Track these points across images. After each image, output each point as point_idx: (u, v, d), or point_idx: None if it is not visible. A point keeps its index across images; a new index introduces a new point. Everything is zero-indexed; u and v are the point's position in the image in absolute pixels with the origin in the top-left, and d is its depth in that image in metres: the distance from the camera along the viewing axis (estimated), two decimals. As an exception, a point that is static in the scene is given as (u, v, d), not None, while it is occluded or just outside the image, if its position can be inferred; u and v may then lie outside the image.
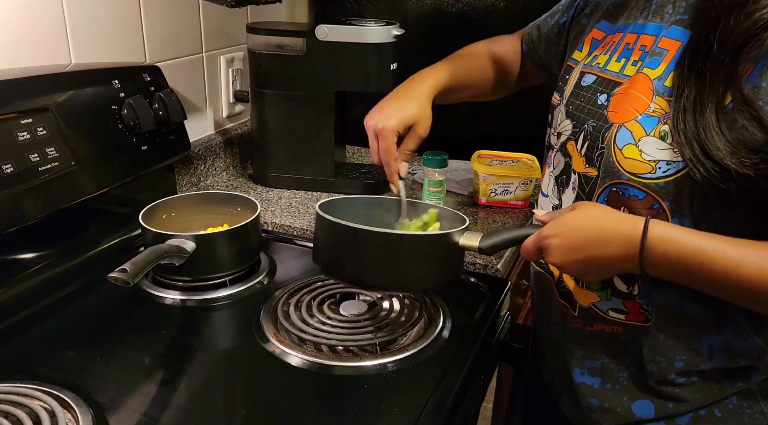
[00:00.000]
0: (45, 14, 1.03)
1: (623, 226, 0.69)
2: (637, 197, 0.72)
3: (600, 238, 0.70)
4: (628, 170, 0.71)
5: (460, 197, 1.40)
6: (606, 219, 0.70)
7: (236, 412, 0.78)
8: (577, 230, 0.71)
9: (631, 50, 0.78)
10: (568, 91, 0.86)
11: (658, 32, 0.76)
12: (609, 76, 0.80)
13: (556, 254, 0.73)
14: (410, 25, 1.40)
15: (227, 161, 1.50)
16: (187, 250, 0.97)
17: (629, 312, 0.79)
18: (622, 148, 0.72)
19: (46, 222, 0.94)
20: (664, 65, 0.72)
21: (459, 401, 0.83)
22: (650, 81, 0.73)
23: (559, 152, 0.86)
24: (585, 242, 0.70)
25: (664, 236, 0.67)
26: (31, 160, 0.92)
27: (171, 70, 1.27)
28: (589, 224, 0.71)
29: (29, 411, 0.70)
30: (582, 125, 0.80)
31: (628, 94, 0.74)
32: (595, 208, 0.73)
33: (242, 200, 1.14)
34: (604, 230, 0.70)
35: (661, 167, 0.69)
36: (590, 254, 0.70)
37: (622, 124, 0.73)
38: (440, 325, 0.93)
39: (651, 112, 0.71)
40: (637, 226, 0.68)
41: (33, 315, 0.94)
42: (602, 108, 0.78)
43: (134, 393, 0.79)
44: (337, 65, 1.31)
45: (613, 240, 0.69)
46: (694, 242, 0.66)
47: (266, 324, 0.92)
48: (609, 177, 0.74)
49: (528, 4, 1.50)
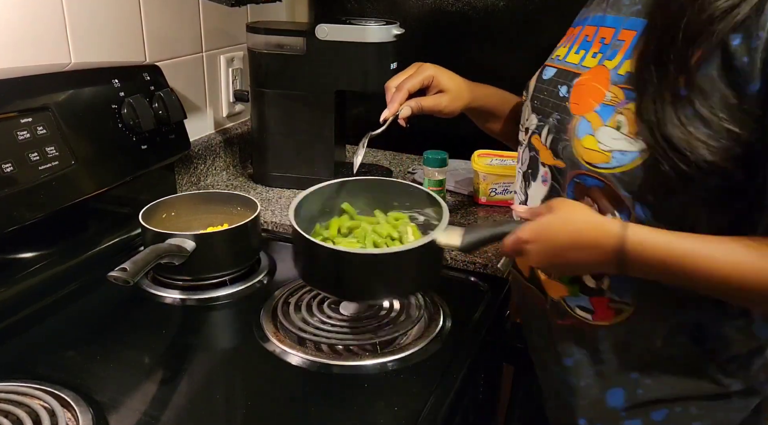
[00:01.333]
0: (45, 14, 1.03)
1: (599, 233, 0.69)
2: (598, 187, 0.72)
3: (577, 244, 0.70)
4: (587, 160, 0.72)
5: (460, 196, 1.40)
6: (582, 225, 0.71)
7: (236, 412, 0.78)
8: (554, 237, 0.72)
9: (591, 42, 0.79)
10: (532, 87, 0.87)
11: (617, 25, 0.77)
12: (568, 67, 0.81)
13: (535, 259, 0.74)
14: (410, 25, 1.40)
15: (227, 161, 1.50)
16: (187, 249, 0.97)
17: (596, 311, 0.79)
18: (581, 138, 0.73)
19: (46, 222, 0.94)
20: (620, 55, 0.74)
21: (459, 400, 0.83)
22: (608, 71, 0.74)
23: (527, 148, 0.86)
24: (562, 248, 0.71)
25: (640, 241, 0.67)
26: (30, 159, 0.92)
27: (171, 70, 1.27)
28: (566, 229, 0.71)
29: (29, 410, 0.70)
30: (547, 118, 0.81)
31: (588, 85, 0.76)
32: (572, 210, 0.73)
33: (242, 200, 1.14)
34: (580, 236, 0.70)
35: (616, 156, 0.70)
36: (568, 259, 0.72)
37: (582, 115, 0.74)
38: (440, 325, 0.93)
39: (608, 101, 0.72)
40: (612, 233, 0.68)
41: (33, 315, 0.94)
42: (565, 100, 0.79)
43: (134, 392, 0.79)
44: (337, 65, 1.31)
45: (589, 246, 0.70)
46: (670, 243, 0.67)
47: (266, 323, 0.92)
48: (572, 168, 0.75)
49: (528, 3, 1.50)
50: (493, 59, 1.57)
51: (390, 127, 0.96)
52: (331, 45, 1.29)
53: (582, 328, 0.81)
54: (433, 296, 1.00)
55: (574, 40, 0.83)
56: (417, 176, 1.48)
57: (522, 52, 1.54)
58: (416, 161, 1.63)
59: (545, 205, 0.75)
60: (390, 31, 1.29)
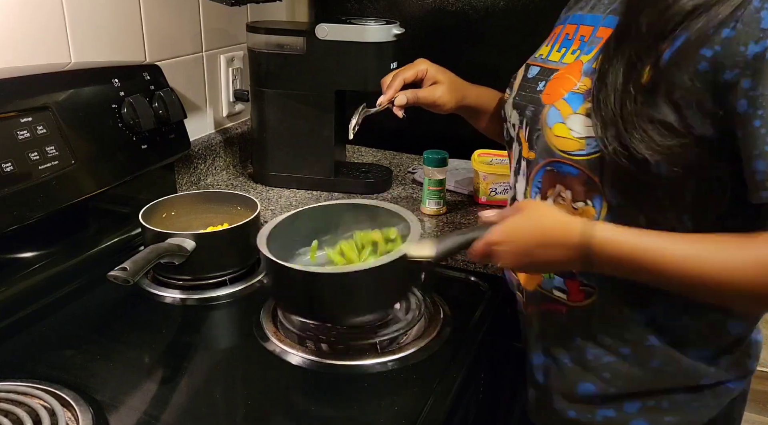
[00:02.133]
0: (45, 13, 1.03)
1: (565, 230, 0.70)
2: (572, 174, 0.74)
3: (544, 243, 0.71)
4: (560, 147, 0.73)
5: (460, 196, 1.40)
6: (549, 223, 0.71)
7: (236, 411, 0.78)
8: (522, 236, 0.72)
9: (571, 41, 0.81)
10: (516, 86, 0.88)
11: (595, 23, 0.79)
12: (549, 65, 0.83)
13: (505, 260, 0.74)
14: (410, 24, 1.40)
15: (227, 160, 1.50)
16: (187, 249, 0.97)
17: (570, 292, 0.81)
18: (552, 126, 0.74)
19: (46, 221, 0.94)
20: (596, 51, 0.75)
21: (459, 399, 0.83)
22: (582, 64, 0.75)
23: (515, 143, 0.87)
24: (530, 247, 0.72)
25: (606, 238, 0.68)
26: (31, 159, 0.91)
27: (171, 69, 1.27)
28: (533, 228, 0.72)
29: (29, 409, 0.70)
30: (524, 112, 0.83)
31: (562, 77, 0.77)
32: (539, 210, 0.73)
33: (242, 199, 1.14)
34: (546, 234, 0.71)
35: (590, 143, 0.71)
36: (536, 257, 0.72)
37: (551, 104, 0.75)
38: (440, 324, 0.93)
39: (576, 89, 0.73)
40: (577, 230, 0.69)
41: (33, 314, 0.94)
42: (540, 93, 0.80)
43: (134, 391, 0.79)
44: (337, 64, 1.31)
45: (556, 244, 0.71)
46: (636, 241, 0.68)
47: (266, 322, 0.92)
48: (544, 156, 0.76)
49: (528, 3, 1.50)
50: (493, 59, 1.57)
51: (388, 121, 0.98)
52: (331, 45, 1.29)
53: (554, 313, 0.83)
54: (433, 296, 1.00)
55: (556, 39, 0.85)
56: (417, 175, 1.48)
57: (521, 51, 1.53)
58: (416, 160, 1.63)
59: (512, 207, 0.75)
60: (390, 31, 1.29)
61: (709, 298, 0.70)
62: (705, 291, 0.67)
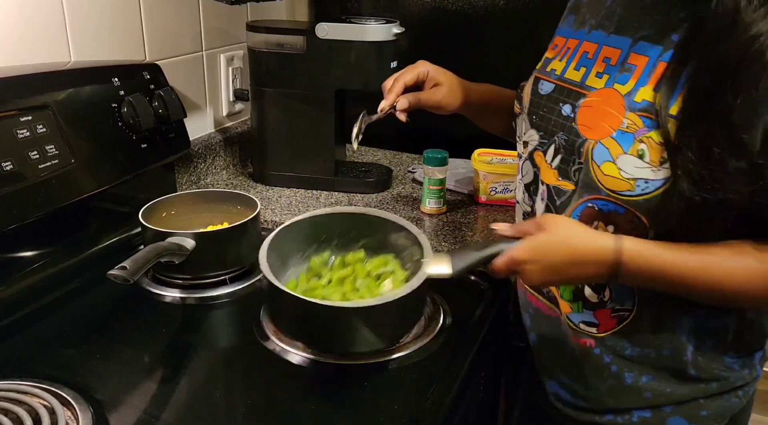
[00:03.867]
0: (45, 12, 1.03)
1: (596, 248, 0.71)
2: (618, 212, 0.73)
3: (575, 260, 0.72)
4: (608, 186, 0.72)
5: (460, 195, 1.40)
6: (578, 241, 0.72)
7: (236, 410, 0.77)
8: (552, 255, 0.72)
9: (592, 60, 0.78)
10: (526, 100, 0.86)
11: (623, 46, 0.75)
12: (569, 85, 0.80)
13: (534, 279, 0.74)
14: (410, 24, 1.40)
15: (227, 160, 1.50)
16: (187, 248, 0.97)
17: (600, 324, 0.81)
18: (600, 165, 0.72)
19: (46, 220, 0.94)
20: (633, 81, 0.72)
21: (459, 399, 0.83)
22: (621, 96, 0.73)
23: (528, 161, 0.86)
24: (561, 265, 0.72)
25: (635, 253, 0.70)
26: (30, 158, 0.91)
27: (171, 69, 1.27)
28: (562, 247, 0.72)
29: (29, 408, 0.70)
30: (551, 137, 0.80)
31: (600, 108, 0.74)
32: (565, 227, 0.73)
33: (242, 198, 1.14)
34: (577, 252, 0.71)
35: (640, 185, 0.70)
36: (566, 275, 0.73)
37: (598, 140, 0.73)
38: (440, 323, 0.93)
39: (625, 128, 0.71)
40: (608, 247, 0.70)
41: (33, 313, 0.94)
42: (569, 120, 0.78)
43: (134, 390, 0.79)
44: (337, 63, 1.31)
45: (587, 261, 0.71)
46: (662, 255, 0.70)
47: (266, 321, 0.92)
48: (587, 192, 0.75)
49: (528, 2, 1.50)
50: (492, 58, 1.57)
51: (388, 121, 0.96)
52: (331, 44, 1.29)
53: (586, 347, 0.83)
54: (434, 295, 1.00)
55: (572, 55, 0.81)
56: (417, 175, 1.48)
57: (522, 51, 1.54)
58: (416, 160, 1.63)
59: (533, 222, 0.75)
60: (390, 30, 1.29)
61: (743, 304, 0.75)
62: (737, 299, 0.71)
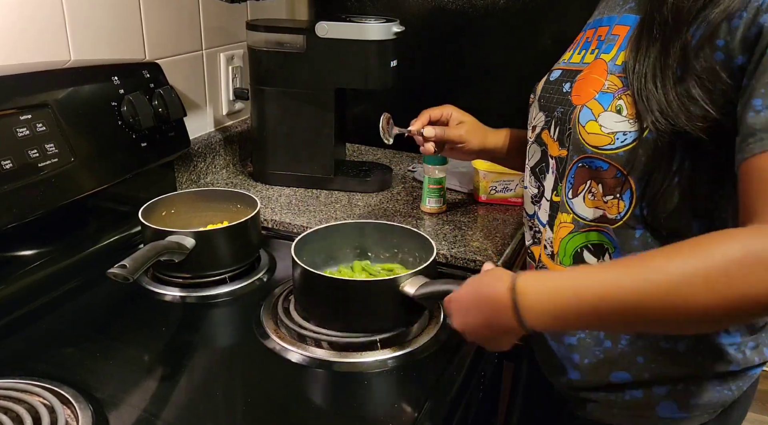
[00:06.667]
0: (45, 11, 1.03)
1: (492, 283, 0.68)
2: (602, 168, 0.76)
3: (478, 299, 0.71)
4: (591, 143, 0.76)
5: (460, 194, 1.40)
6: (480, 281, 0.72)
7: (236, 409, 0.77)
8: (463, 296, 0.73)
9: (590, 42, 0.85)
10: (539, 89, 0.91)
11: (611, 22, 0.82)
12: (571, 67, 0.86)
13: (455, 322, 0.75)
14: (410, 23, 1.40)
15: (227, 159, 1.50)
16: (187, 247, 0.97)
17: None
18: (584, 125, 0.77)
19: (46, 219, 0.94)
20: (615, 48, 0.78)
21: (459, 398, 0.83)
22: (605, 63, 0.78)
23: (535, 143, 0.90)
24: (468, 307, 0.72)
25: (531, 279, 0.65)
26: (30, 156, 0.91)
27: (171, 67, 1.27)
28: (470, 289, 0.73)
29: (29, 407, 0.70)
30: (553, 113, 0.85)
31: (588, 77, 0.80)
32: (484, 274, 0.73)
33: (242, 197, 1.14)
34: (478, 292, 0.71)
35: (619, 137, 0.73)
36: (473, 319, 0.71)
37: (584, 104, 0.78)
38: (440, 322, 0.93)
39: (606, 89, 0.76)
40: (504, 279, 0.66)
41: (32, 312, 0.94)
42: (567, 94, 0.83)
43: (134, 389, 0.79)
44: (337, 62, 1.31)
45: (486, 299, 0.68)
46: (573, 275, 0.64)
47: (266, 320, 0.92)
48: (577, 153, 0.78)
49: (528, 2, 1.50)
50: (493, 58, 1.57)
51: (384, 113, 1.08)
52: (331, 43, 1.29)
53: None
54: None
55: (578, 44, 0.88)
56: (417, 174, 1.48)
57: (522, 50, 1.54)
58: (416, 159, 1.62)
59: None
60: (390, 29, 1.29)
61: (687, 323, 0.60)
62: (675, 317, 0.58)
